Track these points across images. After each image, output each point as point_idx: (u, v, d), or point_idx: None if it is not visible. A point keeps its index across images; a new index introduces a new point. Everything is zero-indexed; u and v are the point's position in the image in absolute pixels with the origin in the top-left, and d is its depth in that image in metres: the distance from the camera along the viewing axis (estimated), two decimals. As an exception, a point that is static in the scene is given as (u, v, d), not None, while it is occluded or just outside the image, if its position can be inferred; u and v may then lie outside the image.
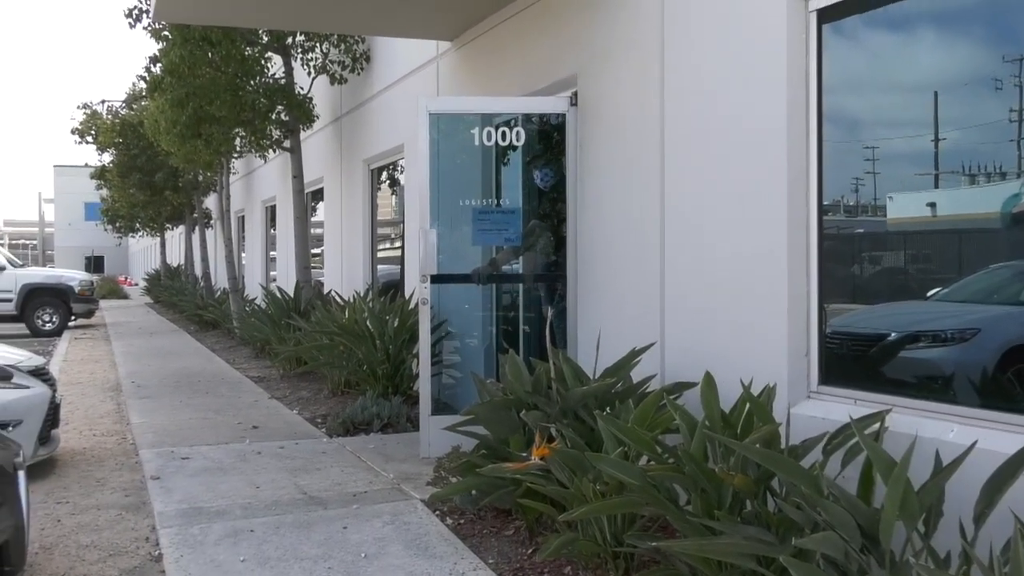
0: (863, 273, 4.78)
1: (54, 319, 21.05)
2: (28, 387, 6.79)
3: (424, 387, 7.18)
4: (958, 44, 4.23)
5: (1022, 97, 3.87)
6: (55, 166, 72.70)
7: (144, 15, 14.17)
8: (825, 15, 4.72)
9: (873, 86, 4.62)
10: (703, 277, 5.38)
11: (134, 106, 26.65)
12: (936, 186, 4.30)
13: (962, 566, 3.09)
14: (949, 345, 4.39)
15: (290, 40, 13.80)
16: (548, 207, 7.62)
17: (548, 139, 7.58)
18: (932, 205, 4.34)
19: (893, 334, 4.61)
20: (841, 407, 4.42)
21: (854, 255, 4.86)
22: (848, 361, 4.71)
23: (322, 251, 15.45)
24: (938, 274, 4.41)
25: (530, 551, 4.99)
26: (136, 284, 53.68)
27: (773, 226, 4.81)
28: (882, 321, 4.69)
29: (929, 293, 4.43)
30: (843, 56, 4.71)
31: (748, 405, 4.34)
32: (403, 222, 11.32)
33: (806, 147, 4.76)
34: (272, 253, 20.30)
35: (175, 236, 40.30)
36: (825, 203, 4.76)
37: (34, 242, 78.66)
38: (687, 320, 5.54)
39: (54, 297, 21.18)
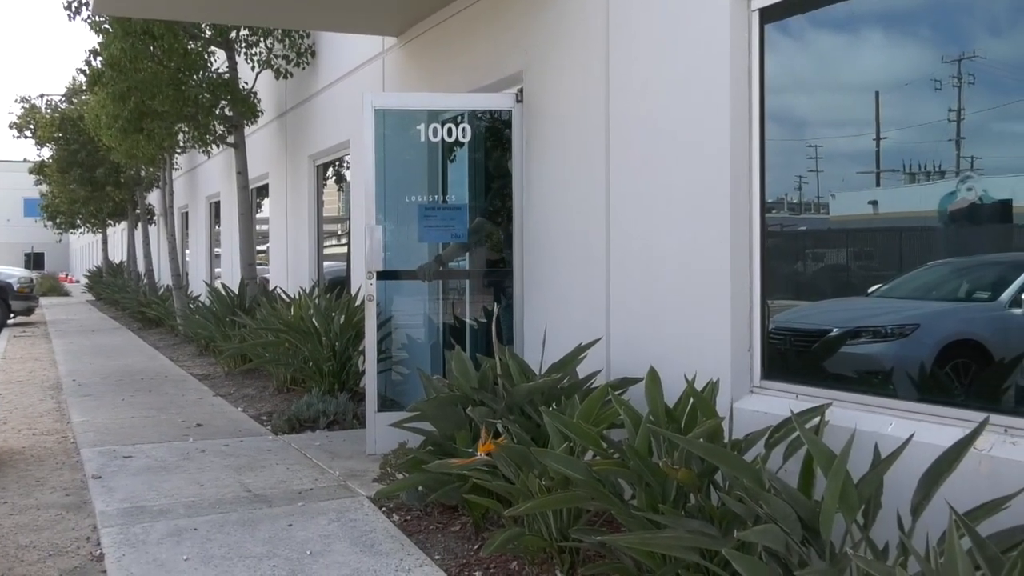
0: (806, 270, 4.84)
1: (-8, 317, 20.67)
2: (-36, 386, 6.68)
3: (370, 384, 7.15)
4: (898, 45, 4.30)
5: (960, 97, 3.94)
6: (-8, 161, 71.24)
7: (84, 7, 13.95)
8: (767, 15, 4.77)
9: (815, 85, 4.69)
10: (648, 273, 5.42)
11: (74, 100, 26.23)
12: (877, 184, 4.37)
13: (899, 557, 3.14)
14: (889, 340, 4.46)
15: (234, 34, 13.65)
16: (495, 203, 7.62)
17: (495, 135, 7.58)
18: (873, 203, 4.41)
19: (834, 330, 4.68)
20: (783, 401, 4.48)
21: (797, 252, 4.93)
22: (790, 356, 4.78)
23: (267, 248, 15.32)
24: (879, 271, 4.48)
25: (476, 547, 4.99)
26: (77, 281, 52.86)
27: (716, 223, 4.86)
28: (824, 317, 4.76)
29: (870, 290, 4.50)
30: (786, 56, 4.77)
31: (692, 400, 4.38)
32: (349, 218, 11.26)
33: (749, 145, 4.82)
34: (217, 250, 20.09)
35: (117, 232, 39.74)
36: (768, 201, 4.82)
37: (-29, 238, 77.05)
38: (632, 316, 5.57)
39: (-8, 294, 20.80)
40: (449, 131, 7.38)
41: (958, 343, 4.11)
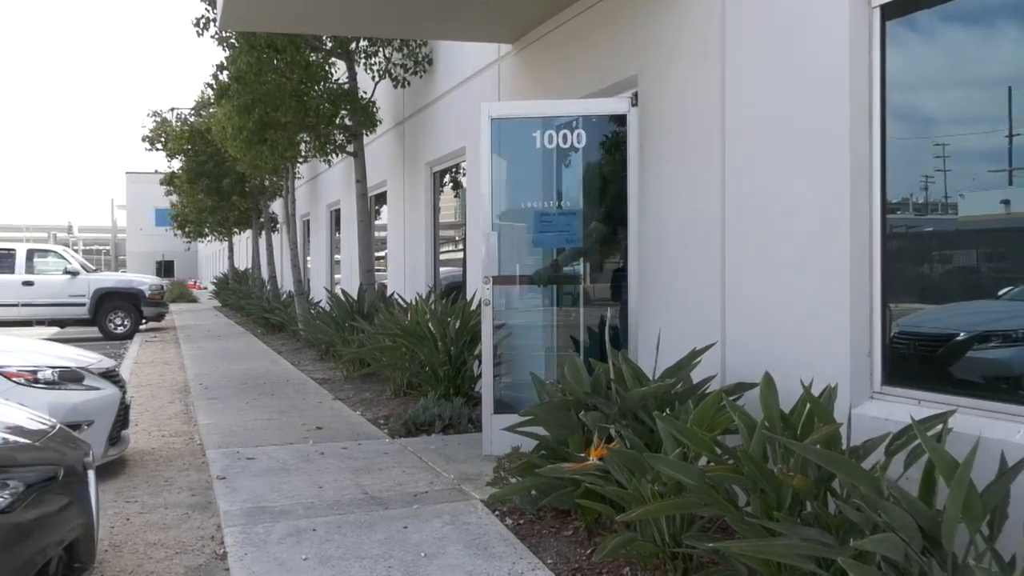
0: (931, 272, 4.71)
1: (125, 322, 21.50)
2: (99, 388, 6.97)
3: (487, 387, 7.23)
4: (1025, 37, 4.15)
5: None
6: (127, 173, 74.15)
7: (211, 23, 14.43)
8: (888, 11, 4.67)
9: (940, 81, 4.55)
10: (764, 276, 5.34)
11: (202, 113, 27.14)
12: (1010, 183, 4.22)
13: (1028, 570, 3.04)
14: (1018, 345, 4.30)
15: (353, 45, 13.96)
16: (610, 208, 7.61)
17: (609, 140, 7.57)
18: (1006, 202, 4.26)
19: (961, 334, 4.53)
20: (904, 408, 4.36)
21: (921, 254, 4.79)
22: (913, 361, 4.64)
23: (385, 254, 15.58)
24: (1010, 273, 4.33)
25: (588, 551, 4.99)
26: (205, 288, 54.57)
27: (835, 225, 4.77)
28: (949, 321, 4.62)
29: (1000, 292, 4.35)
30: (907, 52, 4.65)
31: (808, 406, 4.30)
32: (465, 224, 11.38)
33: (869, 145, 4.72)
34: (336, 256, 20.52)
35: (242, 240, 40.96)
36: (891, 201, 4.70)
37: (107, 247, 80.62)
38: (748, 320, 5.50)
39: (125, 301, 21.61)
40: (564, 137, 7.40)
41: (1093, 348, 3.94)
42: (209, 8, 14.46)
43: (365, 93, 14.16)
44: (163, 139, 28.65)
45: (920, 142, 4.61)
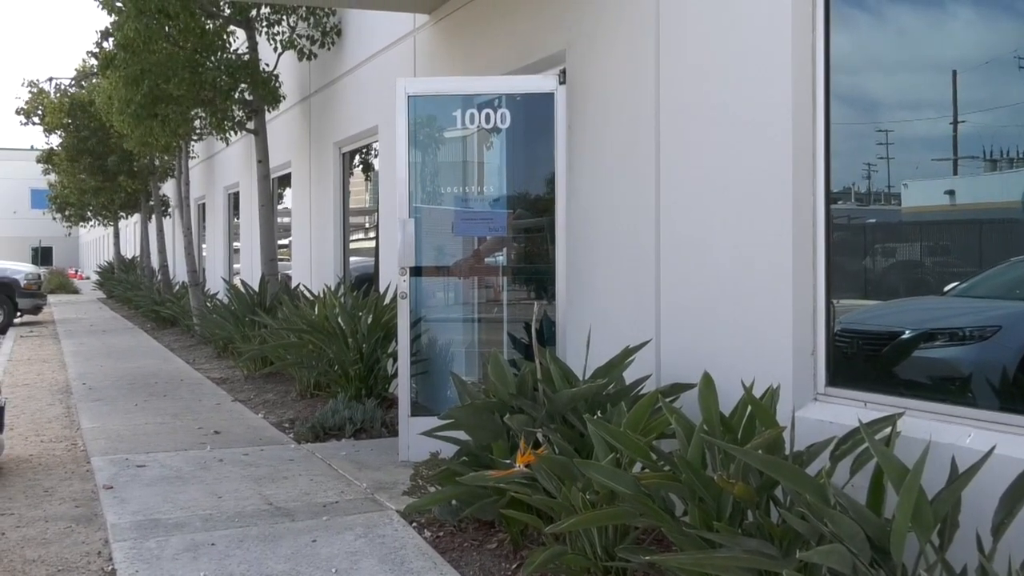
0: (875, 267, 4.80)
1: (-2, 315, 20.96)
2: (-31, 389, 6.79)
3: (403, 387, 7.19)
4: (977, 20, 4.25)
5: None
6: (-2, 149, 72.20)
7: (95, -16, 14.10)
8: (834, -12, 4.74)
9: (886, 64, 4.64)
10: (702, 270, 5.39)
11: (84, 84, 26.54)
12: (955, 172, 4.31)
13: (979, 581, 3.12)
14: (967, 344, 4.41)
15: (254, 12, 13.76)
16: (536, 194, 7.62)
17: (536, 120, 7.58)
18: (950, 193, 4.36)
19: (907, 332, 4.63)
20: (850, 410, 4.43)
21: (866, 247, 4.88)
22: (858, 361, 4.73)
23: (290, 242, 15.42)
24: (956, 267, 4.43)
25: (515, 566, 5.00)
26: (87, 278, 53.46)
27: (777, 215, 4.82)
28: (895, 318, 4.71)
29: (946, 288, 4.45)
30: (853, 32, 4.72)
31: (749, 408, 4.35)
32: (378, 211, 11.31)
33: (812, 130, 4.77)
34: (235, 244, 20.25)
35: (130, 225, 40.19)
36: (834, 191, 4.77)
37: (-25, 232, 78.25)
38: (684, 316, 5.55)
39: (-3, 291, 21.07)
40: (487, 116, 7.38)
41: (1044, 347, 4.05)
42: (93, -32, 14.14)
43: (267, 65, 13.97)
44: (40, 112, 27.94)
45: (865, 128, 4.69)
